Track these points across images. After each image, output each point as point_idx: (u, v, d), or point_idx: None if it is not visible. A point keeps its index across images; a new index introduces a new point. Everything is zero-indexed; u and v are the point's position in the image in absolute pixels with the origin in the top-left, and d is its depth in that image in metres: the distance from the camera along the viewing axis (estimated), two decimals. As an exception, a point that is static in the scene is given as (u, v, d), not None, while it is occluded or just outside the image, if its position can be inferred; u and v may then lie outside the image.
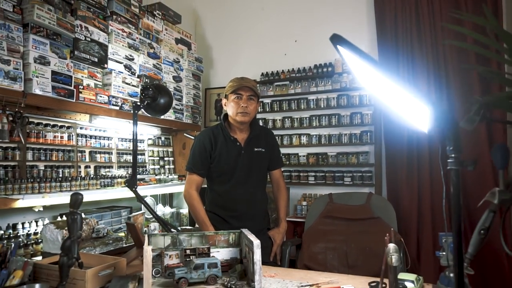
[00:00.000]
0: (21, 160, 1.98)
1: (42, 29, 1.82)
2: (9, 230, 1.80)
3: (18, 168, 1.97)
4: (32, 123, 2.05)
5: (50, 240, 1.52)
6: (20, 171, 1.96)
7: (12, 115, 1.68)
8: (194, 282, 1.15)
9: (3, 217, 1.87)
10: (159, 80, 2.61)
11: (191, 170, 1.96)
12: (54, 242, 1.52)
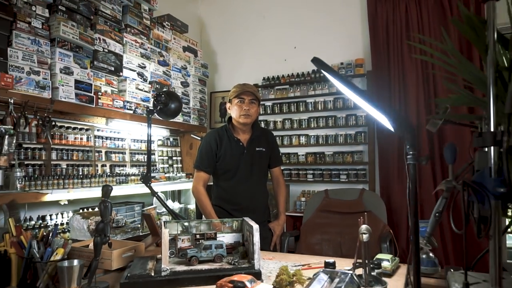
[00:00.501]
0: (47, 160, 2.21)
1: (66, 43, 2.05)
2: (39, 220, 2.03)
3: (44, 166, 2.20)
4: (56, 126, 2.28)
5: (77, 228, 1.75)
6: (46, 169, 2.20)
7: (42, 120, 1.91)
8: (203, 260, 1.37)
9: (33, 210, 2.09)
10: (168, 86, 2.84)
11: (198, 168, 2.18)
12: (80, 230, 1.75)
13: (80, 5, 2.14)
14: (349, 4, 3.25)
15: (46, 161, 2.22)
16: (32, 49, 1.89)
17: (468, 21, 1.07)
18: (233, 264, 1.35)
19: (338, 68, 3.21)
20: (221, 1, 3.88)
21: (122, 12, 2.47)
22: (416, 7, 2.94)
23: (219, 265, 1.36)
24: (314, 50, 3.36)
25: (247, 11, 3.74)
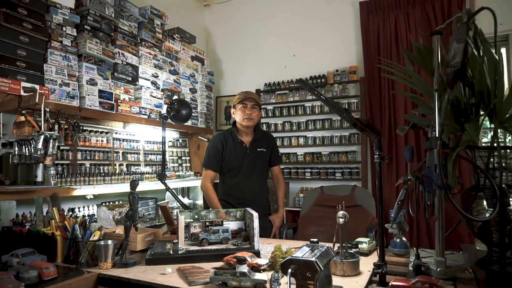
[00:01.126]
0: (73, 159, 2.51)
1: (91, 57, 2.35)
2: (69, 212, 2.34)
3: (71, 165, 2.50)
4: (82, 130, 2.58)
5: (103, 218, 2.04)
6: (73, 168, 2.50)
7: (72, 125, 2.21)
8: (212, 242, 1.66)
9: (62, 203, 2.39)
10: (178, 92, 3.13)
11: (206, 167, 2.47)
12: (106, 220, 2.04)
13: (102, 24, 2.44)
14: (344, 16, 3.52)
15: (73, 161, 2.52)
16: (63, 64, 2.19)
17: (418, 51, 1.34)
18: (236, 245, 1.64)
19: (334, 75, 3.48)
20: (226, 12, 4.17)
21: (137, 27, 2.77)
22: (405, 18, 3.21)
23: (225, 246, 1.65)
24: (312, 58, 3.64)
25: (250, 21, 4.03)
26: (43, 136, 1.71)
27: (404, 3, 3.21)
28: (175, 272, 1.41)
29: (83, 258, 1.49)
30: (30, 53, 2.00)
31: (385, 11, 3.28)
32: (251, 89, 3.84)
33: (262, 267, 1.37)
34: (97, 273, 1.43)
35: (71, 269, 1.46)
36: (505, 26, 2.96)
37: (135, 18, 2.75)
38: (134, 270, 1.45)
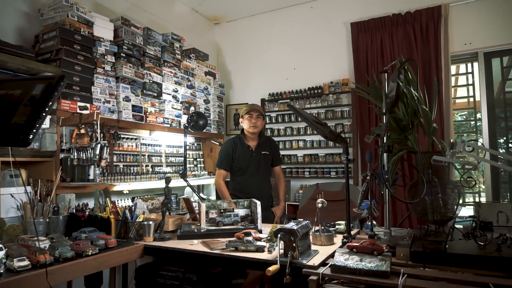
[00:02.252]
0: (110, 161, 3.07)
1: (126, 79, 2.90)
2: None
3: (108, 166, 3.05)
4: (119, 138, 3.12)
5: (139, 208, 2.58)
6: (110, 168, 3.05)
7: (112, 134, 2.75)
8: (226, 223, 2.19)
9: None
10: (194, 103, 3.67)
11: (219, 167, 3.02)
12: (142, 209, 2.58)
13: (134, 51, 2.99)
14: (337, 35, 4.02)
15: (110, 163, 3.07)
16: (105, 86, 2.74)
17: (373, 84, 1.85)
18: (244, 226, 2.17)
19: (329, 86, 3.98)
20: (234, 29, 4.70)
21: (161, 51, 3.31)
22: (389, 37, 3.69)
23: (235, 226, 2.18)
24: (310, 71, 4.15)
25: (255, 38, 4.55)
26: (100, 145, 2.26)
27: (389, 24, 3.70)
28: (199, 243, 1.94)
29: (132, 234, 2.03)
30: (82, 78, 2.55)
31: (373, 31, 3.77)
32: (257, 98, 4.38)
33: (263, 239, 1.89)
34: (143, 244, 1.97)
35: (124, 241, 2.00)
36: (474, 45, 3.44)
37: (159, 43, 3.29)
38: (169, 242, 1.99)
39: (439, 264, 1.51)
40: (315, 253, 1.69)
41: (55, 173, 2.32)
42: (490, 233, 1.58)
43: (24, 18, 2.59)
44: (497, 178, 3.35)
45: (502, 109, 3.45)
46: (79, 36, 2.55)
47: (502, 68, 3.44)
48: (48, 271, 1.46)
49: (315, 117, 2.56)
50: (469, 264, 1.47)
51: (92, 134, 2.40)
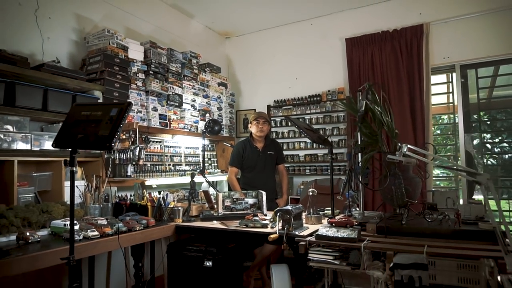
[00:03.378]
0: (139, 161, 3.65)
1: (154, 92, 3.49)
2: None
3: (138, 165, 3.63)
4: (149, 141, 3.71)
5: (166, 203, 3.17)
6: (140, 167, 3.63)
7: (143, 138, 3.34)
8: (237, 209, 2.75)
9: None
10: (209, 111, 4.25)
11: (231, 165, 3.59)
12: (170, 199, 3.16)
13: (160, 68, 3.58)
14: (334, 49, 4.57)
15: (140, 162, 3.65)
16: (138, 99, 3.33)
17: (349, 99, 2.40)
18: (252, 211, 2.74)
19: (326, 94, 4.53)
20: (243, 43, 5.27)
21: (181, 67, 3.90)
22: (379, 52, 4.22)
23: (245, 212, 2.74)
24: (310, 80, 4.70)
25: (261, 51, 5.11)
26: (139, 148, 2.85)
27: (378, 40, 4.23)
28: (218, 223, 2.52)
29: (165, 216, 2.62)
30: (120, 93, 3.14)
31: (364, 45, 4.31)
32: (263, 104, 4.95)
33: (267, 219, 2.45)
34: (174, 224, 2.55)
35: (159, 222, 2.59)
36: (451, 58, 3.95)
37: (179, 61, 3.88)
38: (195, 223, 2.57)
39: (397, 235, 2.05)
40: (306, 228, 2.25)
41: (102, 170, 2.91)
42: (436, 213, 2.12)
43: (74, 46, 3.19)
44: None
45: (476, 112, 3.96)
46: (118, 59, 3.14)
47: (476, 78, 3.95)
48: (111, 238, 2.05)
49: (308, 124, 3.13)
50: (419, 235, 2.00)
51: (129, 138, 2.99)
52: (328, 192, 3.87)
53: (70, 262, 1.64)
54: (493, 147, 4.29)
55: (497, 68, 3.93)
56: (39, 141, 2.52)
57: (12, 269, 1.64)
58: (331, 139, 4.46)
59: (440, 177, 4.65)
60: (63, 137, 1.80)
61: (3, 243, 1.92)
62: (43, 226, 2.24)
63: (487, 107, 4.11)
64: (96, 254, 2.48)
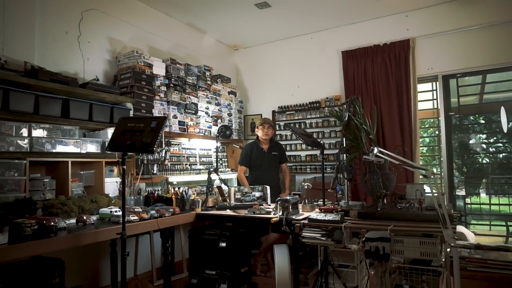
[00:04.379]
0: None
1: (174, 102, 4.07)
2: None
3: (163, 164, 4.22)
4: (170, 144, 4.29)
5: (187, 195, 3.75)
6: (162, 166, 4.22)
7: (166, 142, 3.92)
8: (246, 201, 3.32)
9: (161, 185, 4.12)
10: (220, 117, 4.82)
11: (241, 164, 4.17)
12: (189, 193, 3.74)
13: (179, 81, 4.16)
14: (331, 60, 5.10)
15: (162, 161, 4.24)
16: (160, 108, 3.92)
17: (337, 111, 2.95)
18: (259, 202, 3.30)
19: (325, 101, 5.07)
20: (250, 54, 5.84)
21: (196, 79, 4.48)
22: (371, 63, 4.75)
23: (253, 202, 3.31)
24: (310, 88, 5.24)
25: (267, 61, 5.67)
26: (165, 150, 3.43)
27: (370, 53, 4.76)
28: (230, 212, 3.08)
29: (187, 206, 3.19)
30: (146, 104, 3.73)
31: (358, 58, 4.84)
32: (269, 110, 5.51)
33: (270, 208, 3.01)
34: (195, 213, 3.13)
35: (183, 211, 3.16)
36: (435, 69, 4.46)
37: (195, 74, 4.46)
38: (211, 211, 3.14)
39: (372, 219, 2.59)
40: (301, 214, 2.80)
41: (133, 169, 3.50)
42: (404, 201, 2.65)
43: (107, 64, 3.79)
44: (451, 169, 4.38)
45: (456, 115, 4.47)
46: (145, 75, 3.73)
47: (457, 86, 4.45)
48: (148, 221, 2.63)
49: (303, 130, 3.68)
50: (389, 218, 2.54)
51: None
52: (325, 188, 4.45)
53: (123, 236, 2.23)
54: (488, 146, 4.78)
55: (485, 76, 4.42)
56: (85, 145, 3.11)
57: (81, 241, 2.23)
58: (329, 141, 5.02)
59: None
60: (114, 143, 2.38)
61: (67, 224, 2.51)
62: (91, 213, 2.83)
63: (467, 111, 4.61)
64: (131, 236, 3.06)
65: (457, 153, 4.53)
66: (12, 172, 2.54)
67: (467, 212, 4.43)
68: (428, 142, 5.09)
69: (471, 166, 4.65)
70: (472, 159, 4.68)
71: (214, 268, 3.10)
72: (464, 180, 4.50)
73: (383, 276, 2.25)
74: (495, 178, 4.54)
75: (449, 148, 4.43)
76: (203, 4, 4.31)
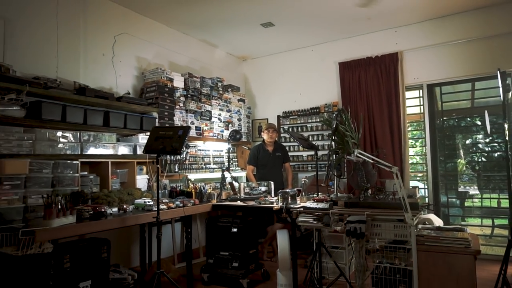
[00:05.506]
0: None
1: (191, 110, 4.72)
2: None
3: (183, 164, 4.87)
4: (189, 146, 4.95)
5: (204, 190, 4.40)
6: (181, 165, 4.87)
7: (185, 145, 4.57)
8: (254, 194, 3.95)
9: (181, 182, 4.78)
10: (231, 122, 5.46)
11: (249, 164, 4.81)
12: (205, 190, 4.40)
13: (195, 92, 4.82)
14: (330, 70, 5.70)
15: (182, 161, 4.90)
16: (180, 116, 4.58)
17: (328, 119, 3.57)
18: (264, 195, 3.94)
19: (324, 107, 5.68)
20: (257, 64, 6.48)
21: (210, 90, 5.13)
22: (364, 73, 5.35)
23: (259, 195, 3.94)
24: (311, 95, 5.86)
25: (272, 71, 6.30)
26: (186, 152, 4.08)
27: (364, 64, 5.35)
28: (241, 202, 3.72)
29: (205, 198, 3.84)
30: (169, 113, 4.39)
31: (353, 68, 5.44)
32: (274, 114, 6.14)
33: (273, 199, 3.64)
34: (211, 204, 3.77)
35: (201, 202, 3.81)
36: (420, 79, 5.04)
37: (209, 85, 5.11)
38: (225, 202, 3.78)
39: (356, 207, 3.20)
40: (298, 204, 3.43)
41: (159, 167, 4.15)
42: (382, 193, 3.26)
43: (135, 79, 4.46)
44: (436, 168, 4.96)
45: (440, 119, 5.04)
46: (167, 88, 4.39)
47: (440, 94, 5.03)
48: (175, 209, 3.28)
49: (300, 134, 4.31)
50: (369, 207, 3.14)
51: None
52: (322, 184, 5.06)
53: (158, 219, 2.88)
54: (484, 146, 5.34)
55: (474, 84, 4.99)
56: (120, 148, 3.78)
57: (126, 222, 2.90)
58: (327, 143, 5.63)
59: (416, 172, 5.73)
60: (150, 147, 3.04)
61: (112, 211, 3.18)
62: (128, 203, 3.49)
63: (448, 114, 5.17)
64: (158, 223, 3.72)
65: (445, 155, 5.10)
66: (68, 170, 3.22)
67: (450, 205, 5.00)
68: (415, 142, 5.66)
69: (453, 165, 5.21)
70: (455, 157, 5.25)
71: (227, 249, 3.74)
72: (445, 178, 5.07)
73: (360, 250, 2.87)
74: (488, 175, 5.09)
75: (433, 147, 5.01)
76: (215, 23, 4.95)
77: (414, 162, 5.80)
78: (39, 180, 2.98)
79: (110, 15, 4.19)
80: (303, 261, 4.43)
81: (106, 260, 3.08)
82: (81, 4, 3.85)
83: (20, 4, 3.32)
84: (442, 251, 2.63)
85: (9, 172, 2.75)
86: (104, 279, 3.05)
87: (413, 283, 2.69)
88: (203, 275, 3.83)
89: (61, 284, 2.67)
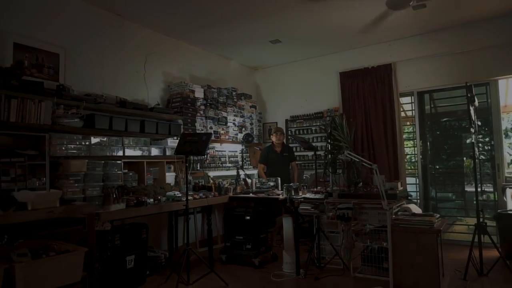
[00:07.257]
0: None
1: (210, 117, 5.49)
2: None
3: (204, 162, 5.64)
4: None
5: (222, 184, 5.16)
6: (202, 164, 5.64)
7: (205, 146, 5.34)
8: (263, 188, 4.68)
9: (201, 179, 5.55)
10: (244, 126, 6.21)
11: (260, 163, 5.57)
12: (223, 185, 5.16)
13: (213, 101, 5.58)
14: (332, 79, 6.38)
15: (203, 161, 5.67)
16: (201, 122, 5.34)
17: (323, 126, 4.28)
18: (272, 189, 4.67)
19: (326, 112, 6.37)
20: (268, 74, 7.21)
21: (226, 98, 5.89)
22: (362, 82, 6.01)
23: (268, 189, 4.67)
24: (315, 101, 6.55)
25: (281, 79, 7.02)
26: (207, 152, 4.84)
27: (361, 74, 6.02)
28: (253, 195, 4.47)
29: (223, 191, 4.60)
30: (191, 120, 5.16)
31: (352, 77, 6.11)
32: (282, 118, 6.86)
33: (280, 192, 4.36)
34: (228, 196, 4.53)
35: (220, 195, 4.56)
36: (411, 87, 5.69)
37: (225, 94, 5.87)
38: (239, 195, 4.54)
39: (347, 197, 3.89)
40: (300, 195, 4.15)
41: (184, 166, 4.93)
42: (369, 186, 3.94)
43: (162, 91, 5.25)
44: (425, 166, 5.61)
45: (428, 122, 5.68)
46: (189, 99, 5.16)
47: (430, 100, 5.66)
48: (199, 200, 4.05)
49: (302, 137, 5.03)
50: (357, 197, 3.83)
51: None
52: (320, 179, 5.76)
53: (187, 207, 3.65)
54: (483, 145, 5.94)
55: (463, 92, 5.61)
56: (152, 150, 4.57)
57: (163, 209, 3.69)
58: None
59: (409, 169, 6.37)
60: (179, 150, 3.81)
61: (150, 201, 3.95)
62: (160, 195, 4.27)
63: (436, 117, 5.80)
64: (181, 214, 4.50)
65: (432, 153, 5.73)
66: (114, 168, 4.01)
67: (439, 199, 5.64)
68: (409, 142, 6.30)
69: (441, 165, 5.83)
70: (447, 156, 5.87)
71: (242, 234, 4.49)
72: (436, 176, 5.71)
73: (348, 231, 3.58)
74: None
75: (424, 146, 5.65)
76: (230, 40, 5.70)
77: (412, 160, 6.43)
78: (93, 176, 3.78)
79: (142, 38, 4.98)
80: (306, 247, 5.14)
81: (145, 240, 3.87)
82: (119, 30, 4.65)
83: (75, 36, 4.13)
84: (412, 231, 3.32)
85: (73, 170, 3.56)
86: (143, 255, 3.83)
87: (389, 257, 3.38)
88: (222, 256, 4.59)
89: (114, 256, 3.47)
